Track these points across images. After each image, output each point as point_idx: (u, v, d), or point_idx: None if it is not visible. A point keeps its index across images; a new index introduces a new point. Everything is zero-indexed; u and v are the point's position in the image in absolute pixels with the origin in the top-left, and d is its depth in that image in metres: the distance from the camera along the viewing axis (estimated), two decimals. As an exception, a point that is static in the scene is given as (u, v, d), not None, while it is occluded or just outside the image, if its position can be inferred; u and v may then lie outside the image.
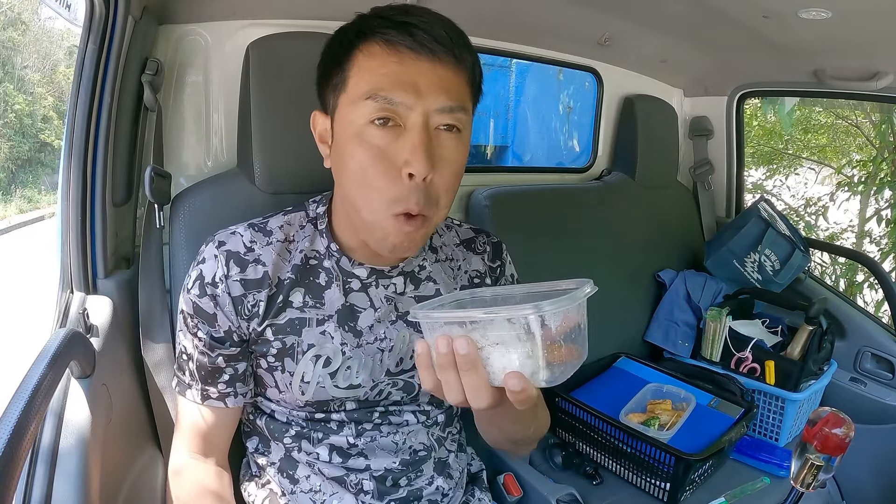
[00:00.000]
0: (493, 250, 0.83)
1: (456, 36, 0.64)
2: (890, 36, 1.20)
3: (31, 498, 0.59)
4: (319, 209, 0.75)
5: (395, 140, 0.62)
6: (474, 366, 0.49)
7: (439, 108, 0.62)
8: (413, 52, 0.61)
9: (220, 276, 0.68)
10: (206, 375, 0.71)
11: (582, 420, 1.18)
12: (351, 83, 0.63)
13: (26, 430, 0.49)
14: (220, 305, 0.68)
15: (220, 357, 0.70)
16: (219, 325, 0.69)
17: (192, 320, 0.70)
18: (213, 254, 0.69)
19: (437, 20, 0.63)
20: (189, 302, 0.69)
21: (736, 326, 1.43)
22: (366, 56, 0.63)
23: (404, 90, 0.61)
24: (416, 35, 0.61)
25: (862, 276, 3.54)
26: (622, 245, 1.54)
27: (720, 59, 1.58)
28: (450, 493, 0.81)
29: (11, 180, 4.53)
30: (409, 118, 0.61)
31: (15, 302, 2.81)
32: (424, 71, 0.62)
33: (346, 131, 0.63)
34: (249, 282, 0.69)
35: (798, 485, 0.74)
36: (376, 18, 0.64)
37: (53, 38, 4.34)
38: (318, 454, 0.75)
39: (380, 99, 0.61)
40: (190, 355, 0.71)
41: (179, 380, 0.73)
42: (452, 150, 0.64)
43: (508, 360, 0.47)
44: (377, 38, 0.62)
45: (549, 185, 1.54)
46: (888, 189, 3.56)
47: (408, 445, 0.77)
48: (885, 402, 1.43)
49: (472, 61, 0.66)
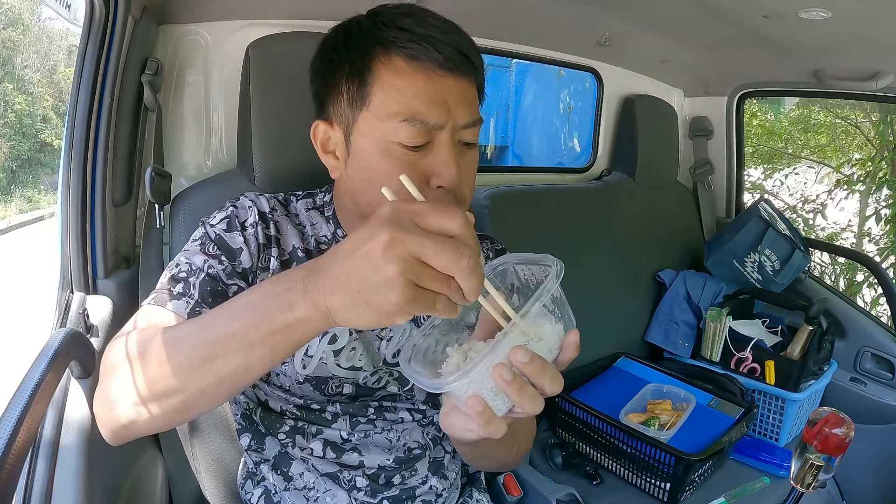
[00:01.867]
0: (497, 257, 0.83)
1: (472, 45, 0.65)
2: (890, 36, 1.20)
3: (31, 497, 0.59)
4: (326, 197, 0.77)
5: (423, 156, 0.63)
6: (542, 366, 0.47)
7: (464, 123, 0.64)
8: (440, 67, 0.62)
9: (251, 222, 0.69)
10: (209, 293, 0.63)
11: (582, 420, 1.18)
12: (375, 100, 0.63)
13: (26, 429, 0.49)
14: (248, 244, 0.68)
15: (235, 286, 0.66)
16: (240, 261, 0.67)
17: (213, 246, 0.67)
18: (247, 204, 0.71)
19: (452, 30, 0.64)
20: (212, 232, 0.68)
21: (736, 326, 1.43)
22: (390, 72, 0.62)
23: (438, 110, 0.62)
24: (443, 51, 0.61)
25: (861, 275, 3.54)
26: (622, 245, 1.54)
27: (720, 59, 1.58)
28: (444, 494, 0.80)
29: (11, 180, 4.52)
30: (439, 135, 0.63)
31: (15, 302, 2.81)
32: (451, 87, 0.63)
33: (372, 147, 0.64)
34: (270, 237, 0.70)
35: (798, 485, 0.74)
36: (393, 29, 0.62)
37: (53, 38, 4.35)
38: (311, 449, 0.74)
39: (416, 123, 0.61)
40: (196, 270, 0.64)
41: (160, 293, 0.62)
42: (471, 158, 0.68)
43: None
44: (398, 51, 0.62)
45: (549, 185, 1.54)
46: (887, 188, 3.57)
47: (402, 443, 0.77)
48: (885, 402, 1.43)
49: (482, 66, 0.68)
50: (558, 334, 0.50)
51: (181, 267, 0.65)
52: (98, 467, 0.67)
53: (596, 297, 1.42)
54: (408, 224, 0.41)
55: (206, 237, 0.68)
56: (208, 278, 0.64)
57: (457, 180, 0.63)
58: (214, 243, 0.67)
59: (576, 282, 1.38)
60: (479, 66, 0.66)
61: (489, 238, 0.86)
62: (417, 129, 0.61)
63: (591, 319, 1.39)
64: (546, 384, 0.47)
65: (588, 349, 1.40)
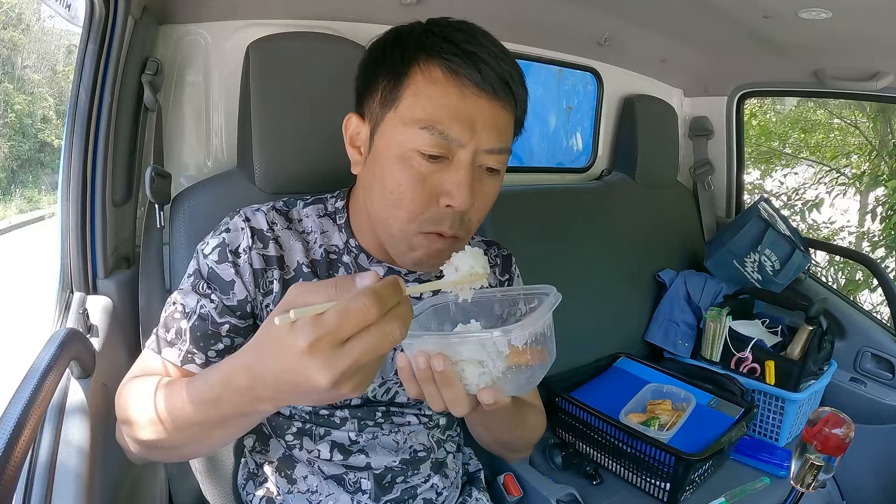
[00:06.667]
0: (503, 263, 0.84)
1: (518, 74, 0.64)
2: (890, 36, 1.20)
3: (31, 498, 0.58)
4: (338, 204, 0.75)
5: (439, 171, 0.62)
6: (451, 382, 0.52)
7: (489, 148, 0.62)
8: (476, 87, 0.61)
9: (244, 247, 0.67)
10: (199, 338, 0.66)
11: (582, 420, 1.18)
12: (405, 104, 0.62)
13: (27, 429, 0.49)
14: (241, 274, 0.67)
15: (227, 325, 0.67)
16: (234, 294, 0.67)
17: (205, 285, 0.67)
18: (240, 226, 0.68)
19: (501, 54, 0.62)
20: (205, 266, 0.67)
21: (736, 326, 1.43)
22: (426, 80, 0.61)
23: (461, 127, 0.60)
24: (483, 70, 0.60)
25: (860, 274, 3.55)
26: (622, 245, 1.54)
27: (720, 59, 1.58)
28: (444, 493, 0.81)
29: (11, 180, 4.52)
30: (459, 153, 0.61)
31: (15, 302, 2.81)
32: (483, 109, 0.61)
33: (390, 149, 0.63)
34: (270, 258, 0.68)
35: (798, 485, 0.73)
36: (441, 39, 0.62)
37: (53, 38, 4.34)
38: (318, 451, 0.75)
39: (436, 133, 0.60)
40: (189, 312, 0.66)
41: (159, 338, 0.67)
42: (490, 186, 0.66)
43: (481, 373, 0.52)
44: (441, 62, 0.61)
45: (549, 185, 1.54)
46: (883, 187, 3.58)
47: (408, 445, 0.78)
48: (885, 402, 1.43)
49: (525, 100, 0.66)
50: (478, 380, 0.52)
51: (176, 307, 0.67)
52: (98, 467, 0.67)
53: (596, 297, 1.42)
54: (330, 353, 0.40)
55: (198, 274, 0.68)
56: (199, 321, 0.66)
57: (467, 204, 0.61)
58: (206, 280, 0.67)
59: (576, 281, 1.39)
60: (520, 97, 0.65)
61: (496, 244, 0.85)
62: (436, 140, 0.60)
63: (590, 319, 1.39)
64: (445, 396, 0.53)
65: (588, 349, 1.40)
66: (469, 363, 0.52)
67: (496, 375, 0.52)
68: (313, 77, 0.91)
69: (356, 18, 1.08)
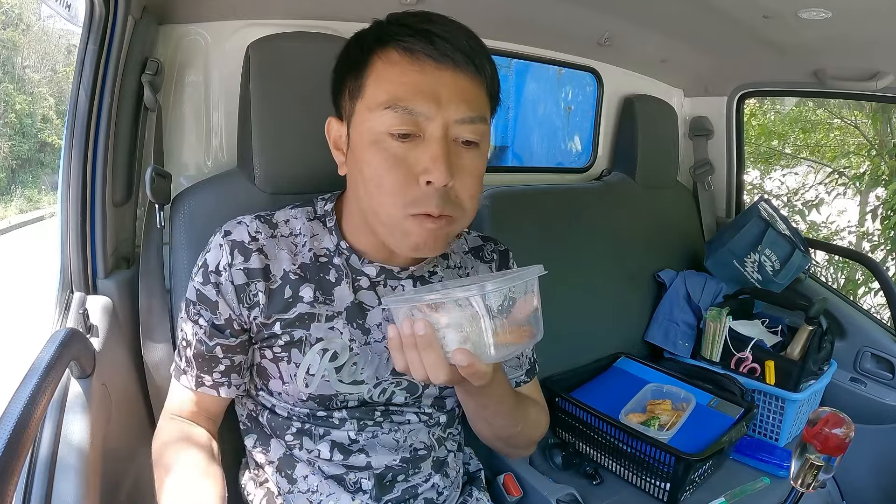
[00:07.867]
0: (501, 259, 0.84)
1: (477, 45, 0.64)
2: (890, 36, 1.20)
3: (31, 497, 0.59)
4: (327, 206, 0.75)
5: (413, 148, 0.62)
6: (430, 344, 0.55)
7: (459, 118, 0.62)
8: (434, 61, 0.61)
9: (223, 265, 0.68)
10: (202, 363, 0.71)
11: (582, 420, 1.18)
12: (369, 91, 0.63)
13: (26, 429, 0.49)
14: (223, 293, 0.68)
15: (219, 347, 0.70)
16: (220, 313, 0.69)
17: (194, 308, 0.70)
18: (219, 243, 0.69)
19: (457, 29, 0.63)
20: (193, 290, 0.70)
21: (736, 326, 1.43)
22: (385, 63, 0.63)
23: (425, 100, 0.61)
24: (437, 44, 0.61)
25: (860, 274, 3.55)
26: (622, 245, 1.54)
27: (720, 59, 1.57)
28: (445, 492, 0.81)
29: (11, 180, 4.53)
30: (429, 128, 0.62)
31: (15, 302, 2.81)
32: (446, 81, 0.62)
33: (364, 138, 0.63)
34: (252, 271, 0.68)
35: (798, 485, 0.73)
36: (395, 25, 0.63)
37: (53, 38, 4.35)
38: (318, 451, 0.75)
39: (399, 109, 0.61)
40: (189, 342, 0.71)
41: (176, 364, 0.74)
42: (471, 160, 0.65)
43: (461, 339, 0.54)
44: (396, 45, 0.62)
45: (549, 186, 1.54)
46: (882, 187, 3.58)
47: (409, 443, 0.77)
48: (885, 402, 1.43)
49: (492, 71, 0.66)
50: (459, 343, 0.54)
51: (182, 336, 0.72)
52: (98, 467, 0.67)
53: (596, 297, 1.42)
54: None
55: (189, 301, 0.71)
56: (198, 346, 0.71)
57: (445, 178, 0.61)
58: (196, 304, 0.70)
59: (575, 281, 1.39)
60: (485, 66, 0.65)
61: (493, 240, 0.86)
62: (402, 117, 0.61)
63: (590, 319, 1.39)
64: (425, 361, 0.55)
65: (588, 349, 1.40)
66: (450, 328, 0.54)
67: (475, 339, 0.54)
68: (313, 77, 0.91)
69: (356, 18, 1.08)
